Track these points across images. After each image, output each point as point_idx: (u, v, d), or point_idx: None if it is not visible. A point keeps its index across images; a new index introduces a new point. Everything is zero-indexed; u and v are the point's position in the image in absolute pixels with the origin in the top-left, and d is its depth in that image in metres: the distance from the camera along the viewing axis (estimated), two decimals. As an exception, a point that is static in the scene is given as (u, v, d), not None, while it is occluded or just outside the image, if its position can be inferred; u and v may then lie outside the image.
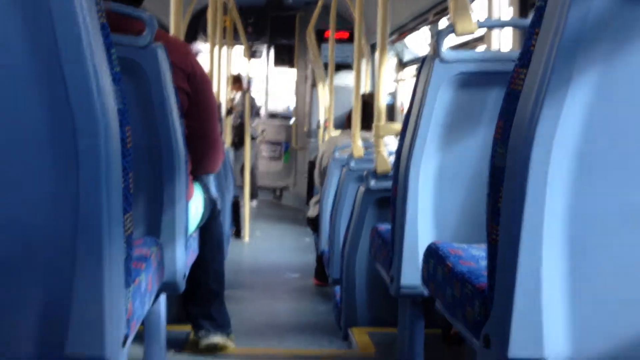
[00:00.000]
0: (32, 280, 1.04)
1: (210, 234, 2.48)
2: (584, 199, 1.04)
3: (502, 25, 2.45)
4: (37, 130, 1.00)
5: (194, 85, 2.15)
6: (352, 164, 3.15)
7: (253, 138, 6.87)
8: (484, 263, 1.37)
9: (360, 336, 2.64)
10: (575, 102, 0.98)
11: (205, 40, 7.19)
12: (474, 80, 1.78)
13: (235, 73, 7.33)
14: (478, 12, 3.17)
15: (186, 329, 2.62)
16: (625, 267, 1.05)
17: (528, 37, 1.02)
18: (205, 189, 2.39)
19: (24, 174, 1.02)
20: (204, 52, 7.36)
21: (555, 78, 0.96)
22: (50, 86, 0.98)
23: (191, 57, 2.17)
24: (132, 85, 1.70)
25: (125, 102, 1.11)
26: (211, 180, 3.38)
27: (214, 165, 2.31)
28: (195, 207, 2.18)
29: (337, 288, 3.14)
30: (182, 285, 1.88)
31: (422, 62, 1.83)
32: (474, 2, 3.08)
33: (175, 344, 2.44)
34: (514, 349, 1.05)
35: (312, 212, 4.32)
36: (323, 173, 4.13)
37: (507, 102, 1.06)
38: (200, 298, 2.48)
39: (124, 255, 1.14)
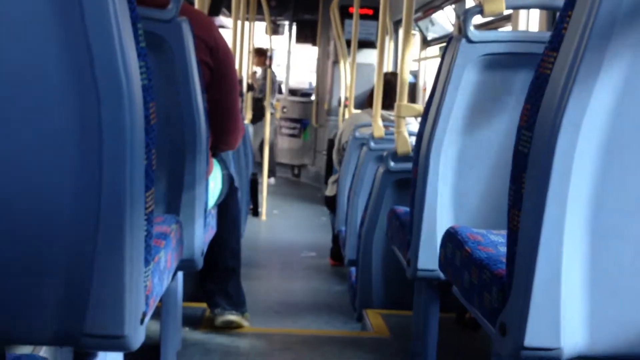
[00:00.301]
0: (54, 257, 1.05)
1: (227, 212, 2.49)
2: (608, 189, 1.02)
3: (531, 5, 2.40)
4: (62, 105, 0.99)
5: (217, 59, 2.13)
6: (372, 143, 3.13)
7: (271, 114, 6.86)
8: (502, 249, 1.36)
9: (374, 318, 2.64)
10: (605, 89, 0.96)
11: (228, 15, 7.17)
12: (501, 62, 1.75)
13: (258, 47, 7.31)
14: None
15: (202, 306, 2.65)
16: None
17: (560, 20, 0.99)
18: (224, 166, 2.39)
19: (47, 148, 1.02)
20: (226, 26, 7.33)
21: (586, 64, 0.94)
22: (76, 61, 0.98)
23: (214, 31, 2.16)
24: (155, 59, 1.69)
25: (150, 78, 1.10)
26: (230, 156, 3.38)
27: (234, 141, 2.30)
28: (214, 184, 2.19)
29: (353, 269, 3.14)
30: (200, 262, 1.89)
31: (447, 42, 1.80)
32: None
33: (191, 321, 2.46)
34: (530, 338, 1.05)
35: (329, 191, 4.31)
36: (342, 151, 4.11)
37: (535, 85, 1.04)
38: (217, 275, 2.49)
39: (144, 233, 1.14)
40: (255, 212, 5.68)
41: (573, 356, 1.06)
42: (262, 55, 7.32)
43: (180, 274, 2.06)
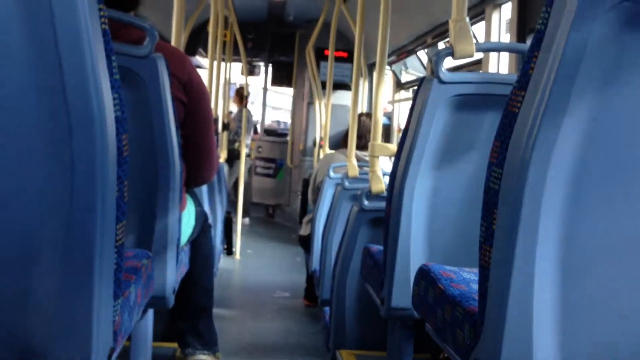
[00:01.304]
0: (19, 285, 1.02)
1: (200, 249, 2.47)
2: (578, 225, 1.04)
3: (500, 49, 2.47)
4: (32, 133, 0.99)
5: (191, 95, 2.13)
6: (347, 183, 3.15)
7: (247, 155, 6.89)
8: (474, 286, 1.36)
9: (348, 359, 2.61)
10: (572, 127, 0.98)
11: (204, 55, 7.23)
12: (471, 102, 1.79)
13: (237, 87, 7.36)
14: (476, 37, 3.20)
15: (172, 346, 2.59)
16: (617, 295, 1.05)
17: (527, 60, 1.02)
18: (197, 202, 2.38)
19: (17, 175, 1.01)
20: (203, 66, 7.39)
21: (553, 102, 0.96)
22: (48, 89, 0.97)
23: (188, 66, 2.16)
24: (129, 94, 1.69)
25: (123, 110, 1.10)
26: (204, 193, 3.37)
27: (209, 174, 2.29)
28: (187, 219, 2.17)
29: (327, 309, 3.11)
30: (171, 300, 1.86)
31: (420, 82, 1.84)
32: (472, 27, 3.11)
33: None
34: None
35: (304, 230, 4.31)
36: (316, 191, 4.12)
37: (504, 124, 1.07)
38: (188, 314, 2.45)
39: (114, 266, 1.12)
40: (230, 251, 5.64)
41: (545, 392, 1.06)
42: (240, 96, 7.38)
43: (150, 312, 2.02)
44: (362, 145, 3.84)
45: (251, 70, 8.16)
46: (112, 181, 1.06)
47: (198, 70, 2.28)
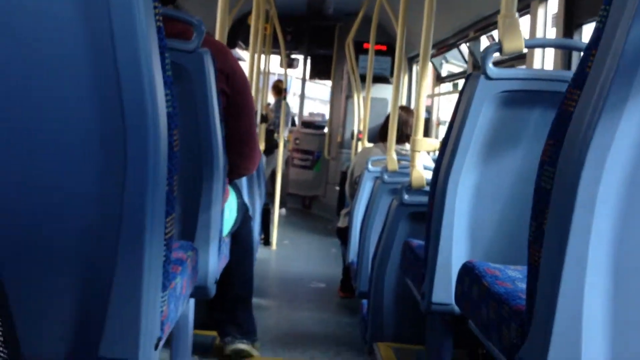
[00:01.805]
0: (72, 278, 1.05)
1: (241, 240, 2.49)
2: (631, 226, 1.02)
3: (549, 45, 2.42)
4: (88, 129, 1.01)
5: (234, 87, 2.16)
6: (386, 176, 3.14)
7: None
8: (520, 285, 1.35)
9: (385, 352, 2.61)
10: (629, 127, 0.96)
11: (245, 48, 7.27)
12: (518, 99, 1.76)
13: (277, 79, 7.38)
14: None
15: (212, 334, 2.63)
16: None
17: (584, 58, 1.00)
18: (239, 194, 2.40)
19: (72, 170, 1.03)
20: (243, 59, 7.44)
21: (611, 102, 0.94)
22: (104, 86, 1.00)
23: (231, 58, 2.18)
24: (176, 88, 1.71)
25: (175, 106, 1.12)
26: (243, 184, 3.40)
27: (251, 166, 2.31)
28: (229, 211, 2.20)
29: (364, 301, 3.11)
30: (212, 290, 1.89)
31: (466, 78, 1.82)
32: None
33: (200, 349, 2.45)
34: None
35: (341, 222, 4.31)
36: (354, 184, 4.12)
37: (558, 122, 1.05)
38: (228, 304, 2.48)
39: (163, 258, 1.14)
40: (267, 242, 5.68)
41: (594, 395, 1.04)
42: (278, 88, 7.41)
43: (192, 301, 2.06)
44: (399, 139, 3.82)
45: (290, 63, 8.16)
46: (163, 175, 1.08)
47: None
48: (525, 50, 3.02)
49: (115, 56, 0.98)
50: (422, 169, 2.58)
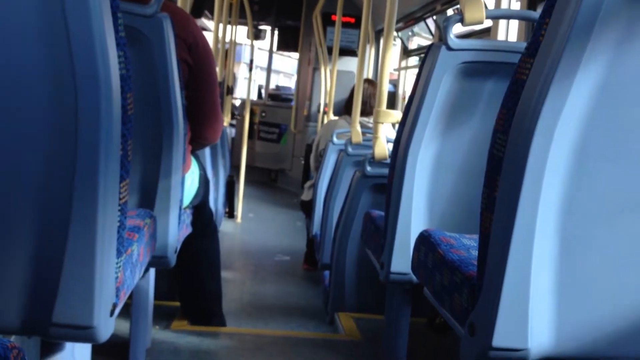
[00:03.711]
0: (23, 244, 1.03)
1: (206, 254, 2.48)
2: (579, 194, 1.04)
3: (510, 16, 2.43)
4: (38, 88, 0.99)
5: (196, 57, 2.12)
6: (350, 149, 3.15)
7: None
8: (474, 253, 1.38)
9: (346, 321, 2.65)
10: (580, 94, 0.98)
11: (210, 18, 7.15)
12: (477, 70, 1.78)
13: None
14: (486, 4, 3.15)
15: (173, 304, 2.63)
16: (614, 261, 1.06)
17: (537, 27, 1.01)
18: (202, 167, 2.38)
19: (21, 133, 1.01)
20: (209, 29, 7.32)
21: (562, 69, 0.96)
22: (54, 44, 0.97)
23: (193, 27, 2.14)
24: (134, 54, 1.68)
25: (129, 69, 1.10)
26: (207, 156, 3.37)
27: (213, 136, 2.29)
28: (190, 181, 2.18)
29: (327, 273, 3.14)
30: (172, 259, 1.88)
31: (428, 49, 1.82)
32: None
33: (161, 319, 2.44)
34: (498, 338, 1.06)
35: (305, 195, 4.32)
36: (319, 157, 4.12)
37: (511, 91, 1.06)
38: (196, 291, 2.49)
39: (117, 223, 1.13)
40: (231, 214, 5.66)
41: (540, 357, 1.07)
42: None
43: (152, 271, 2.05)
44: (364, 111, 3.83)
45: (257, 34, 8.07)
46: (117, 139, 1.06)
47: (204, 32, 2.26)
48: (489, 23, 3.04)
49: (64, 14, 0.96)
50: (385, 141, 2.59)
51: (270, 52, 8.76)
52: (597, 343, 1.06)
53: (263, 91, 8.95)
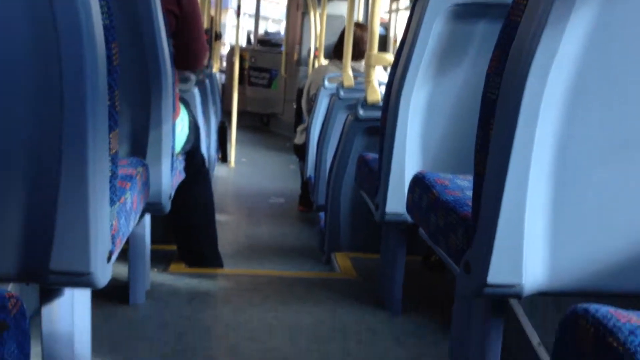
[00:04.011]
0: (15, 194, 1.04)
1: (195, 159, 2.48)
2: (573, 135, 1.04)
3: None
4: (18, 38, 0.97)
5: (183, 9, 2.13)
6: (342, 92, 3.14)
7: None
8: (469, 193, 1.39)
9: (342, 261, 2.69)
10: (573, 36, 0.97)
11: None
12: (470, 12, 1.75)
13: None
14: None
15: (170, 248, 2.66)
16: (608, 199, 1.07)
17: (532, -34, 0.99)
18: (191, 113, 2.37)
19: (7, 89, 0.99)
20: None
21: (556, 10, 0.94)
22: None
23: None
24: (118, 6, 1.64)
25: (112, 19, 1.07)
26: (198, 102, 3.34)
27: (198, 61, 2.30)
28: (180, 128, 2.17)
29: (322, 214, 3.18)
30: (167, 206, 1.89)
31: (419, -9, 1.79)
32: None
33: (159, 262, 2.48)
34: (492, 275, 1.08)
35: (298, 139, 4.31)
36: (310, 101, 4.10)
37: (505, 33, 1.05)
38: (190, 234, 2.52)
39: (109, 173, 1.13)
40: (224, 159, 5.66)
41: (533, 292, 1.10)
42: None
43: (148, 217, 2.06)
44: (355, 55, 3.78)
45: (244, -24, 7.86)
46: (103, 89, 1.05)
47: None
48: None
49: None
50: (377, 85, 2.58)
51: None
52: (590, 278, 1.08)
53: (252, 37, 8.80)
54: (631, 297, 1.10)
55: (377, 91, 2.56)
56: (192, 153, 2.42)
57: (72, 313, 1.21)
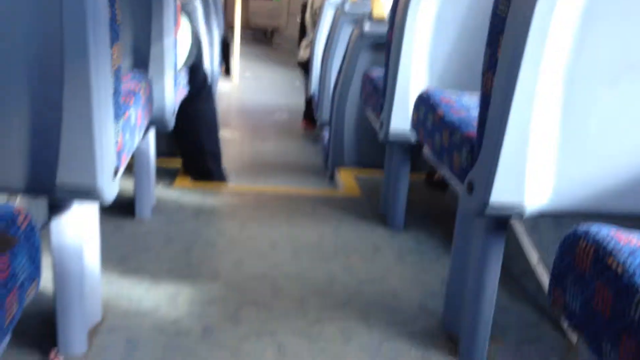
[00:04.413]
0: (21, 112, 1.03)
1: (198, 73, 2.44)
2: (582, 53, 1.02)
3: None
4: None
5: None
6: (347, 6, 3.05)
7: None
8: (474, 112, 1.37)
9: (346, 177, 2.71)
10: None
11: None
12: None
13: None
14: None
15: (176, 164, 2.67)
16: (614, 120, 1.06)
17: None
18: (193, 28, 2.32)
19: (4, 2, 0.97)
20: None
21: None
22: None
23: None
24: None
25: None
26: (200, 16, 3.26)
27: None
28: (183, 40, 2.13)
29: (326, 131, 3.17)
30: (171, 122, 1.88)
31: None
32: None
33: (164, 178, 2.50)
34: (495, 195, 1.09)
35: (302, 54, 4.24)
36: (315, 15, 3.99)
37: None
38: (197, 155, 2.52)
39: (112, 88, 1.12)
40: (227, 71, 5.59)
41: (535, 213, 1.11)
42: None
43: (152, 132, 2.06)
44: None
45: None
46: (103, 2, 1.02)
47: None
48: None
49: None
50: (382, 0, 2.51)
51: None
52: (592, 199, 1.09)
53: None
54: (633, 219, 1.11)
55: (382, 6, 2.49)
56: (195, 67, 2.38)
57: (80, 227, 1.23)
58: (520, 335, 1.47)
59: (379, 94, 2.03)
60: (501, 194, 1.08)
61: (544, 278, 1.61)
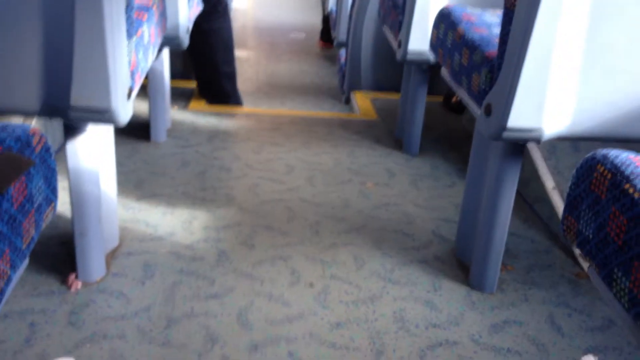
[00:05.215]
0: (34, 32, 1.01)
1: (220, 34, 2.38)
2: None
3: None
4: None
5: None
6: None
7: None
8: (496, 31, 1.33)
9: (362, 100, 2.67)
10: None
11: None
12: None
13: None
14: None
15: (190, 85, 2.65)
16: (637, 45, 1.02)
17: None
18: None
19: None
20: None
21: None
22: None
23: None
24: None
25: None
26: None
27: None
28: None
29: (343, 51, 3.10)
30: (185, 40, 1.84)
31: None
32: None
33: (179, 100, 2.48)
34: (513, 118, 1.06)
35: (321, -31, 4.10)
36: None
37: None
38: (213, 77, 2.47)
39: (124, 3, 1.08)
40: None
41: (552, 137, 1.09)
42: None
43: (166, 52, 2.03)
44: None
45: None
46: None
47: None
48: None
49: None
50: None
51: None
52: (612, 122, 1.06)
53: None
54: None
55: None
56: (217, 27, 2.32)
57: (96, 149, 1.23)
58: (531, 261, 1.47)
59: (397, 11, 1.97)
60: (519, 116, 1.06)
61: (559, 205, 1.60)
